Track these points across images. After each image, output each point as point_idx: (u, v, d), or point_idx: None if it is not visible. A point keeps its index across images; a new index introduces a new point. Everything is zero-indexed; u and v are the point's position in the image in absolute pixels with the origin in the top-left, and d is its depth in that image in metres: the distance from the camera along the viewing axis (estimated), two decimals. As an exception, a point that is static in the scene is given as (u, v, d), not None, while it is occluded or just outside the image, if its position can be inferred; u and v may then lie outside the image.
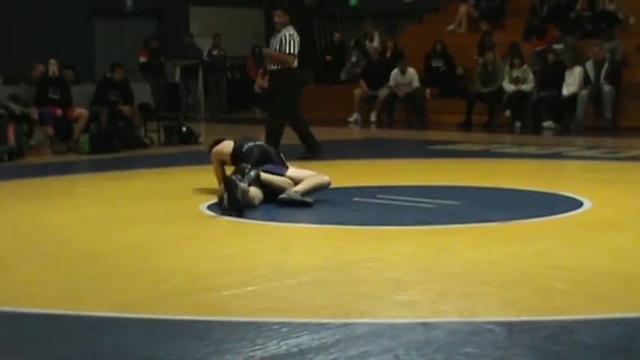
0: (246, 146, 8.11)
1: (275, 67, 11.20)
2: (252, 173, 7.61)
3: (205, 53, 21.41)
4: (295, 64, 11.21)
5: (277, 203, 7.58)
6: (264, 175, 7.70)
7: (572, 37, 17.13)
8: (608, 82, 15.44)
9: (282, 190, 7.72)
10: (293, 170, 7.99)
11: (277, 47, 11.14)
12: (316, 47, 23.55)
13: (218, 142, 8.39)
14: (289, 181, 7.80)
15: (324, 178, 7.91)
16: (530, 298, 4.72)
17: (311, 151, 11.35)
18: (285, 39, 11.12)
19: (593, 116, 15.73)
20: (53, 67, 13.67)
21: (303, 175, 7.90)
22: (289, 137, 11.71)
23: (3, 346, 4.12)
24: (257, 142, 8.25)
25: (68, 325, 4.38)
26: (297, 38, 11.16)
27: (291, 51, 11.14)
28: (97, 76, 17.86)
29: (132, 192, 9.17)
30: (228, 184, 7.34)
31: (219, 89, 21.68)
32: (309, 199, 7.61)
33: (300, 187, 7.70)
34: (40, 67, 14.13)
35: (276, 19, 11.35)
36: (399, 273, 5.30)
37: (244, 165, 7.76)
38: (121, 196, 8.87)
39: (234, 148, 8.14)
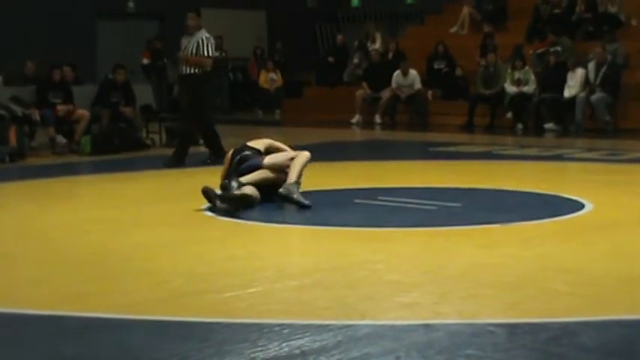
0: (238, 156, 8.10)
1: (191, 70, 11.12)
2: (234, 183, 7.64)
3: None
4: (210, 67, 11.27)
5: (276, 198, 7.61)
6: (244, 179, 7.72)
7: (568, 39, 17.12)
8: (602, 87, 15.41)
9: (270, 181, 7.75)
10: (270, 157, 7.98)
11: (194, 51, 11.08)
12: (318, 49, 23.57)
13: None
14: (268, 171, 7.81)
15: (304, 155, 7.89)
16: (532, 300, 4.73)
17: (215, 154, 11.19)
18: (203, 42, 11.10)
19: (595, 118, 15.72)
20: (57, 71, 13.66)
21: (280, 160, 7.89)
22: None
23: (6, 347, 4.13)
24: (241, 154, 8.19)
25: (71, 326, 4.39)
26: (212, 41, 11.21)
27: (209, 54, 11.19)
28: (98, 78, 17.86)
29: (133, 193, 9.18)
30: (222, 198, 7.43)
31: (221, 90, 21.69)
32: (307, 202, 7.60)
33: (293, 177, 7.69)
34: (31, 65, 14.09)
35: (190, 22, 11.22)
36: (400, 275, 5.31)
37: (225, 182, 7.78)
38: (122, 197, 8.88)
39: (231, 156, 8.17)
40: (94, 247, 6.30)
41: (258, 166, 7.87)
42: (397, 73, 17.81)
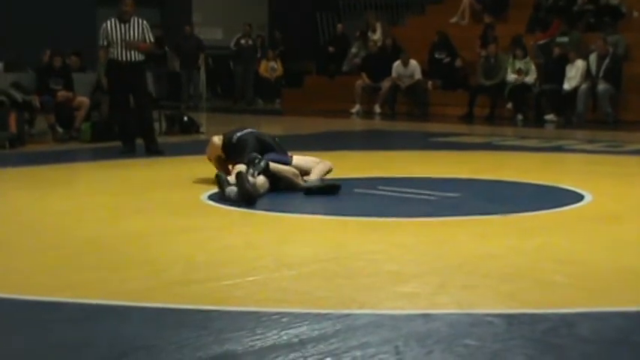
0: (236, 136, 8.11)
1: (138, 57, 11.02)
2: (262, 163, 7.62)
3: (233, 42, 21.35)
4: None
5: (304, 193, 7.63)
6: (272, 165, 7.72)
7: (578, 32, 17.10)
8: (605, 78, 15.40)
9: (288, 179, 7.76)
10: (297, 158, 8.03)
11: (139, 37, 11.01)
12: (319, 38, 23.53)
13: None
14: (295, 170, 7.84)
15: (327, 164, 7.99)
16: (530, 291, 4.72)
17: (131, 147, 11.23)
18: (147, 28, 11.10)
19: (595, 110, 15.72)
20: (57, 58, 13.66)
21: (307, 163, 7.95)
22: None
23: (2, 333, 4.12)
24: (248, 131, 8.21)
25: (67, 313, 4.39)
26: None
27: (153, 40, 11.38)
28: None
29: (133, 181, 9.17)
30: (237, 177, 7.32)
31: (246, 80, 21.40)
32: (336, 183, 7.68)
33: (314, 177, 7.76)
34: (58, 59, 14.06)
35: (127, 8, 11.12)
36: (399, 265, 5.31)
37: (254, 155, 7.74)
38: (122, 185, 8.87)
39: (223, 141, 8.16)
40: (91, 234, 6.30)
41: (286, 163, 7.88)
42: (397, 63, 17.80)
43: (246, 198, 7.20)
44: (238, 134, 8.14)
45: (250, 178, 7.39)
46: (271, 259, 5.43)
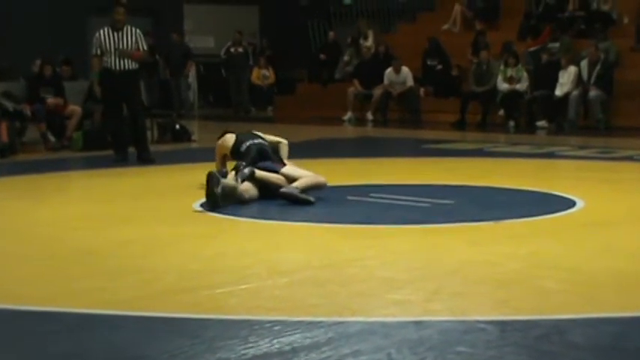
0: (244, 145, 8.16)
1: (132, 66, 11.06)
2: (247, 170, 7.68)
3: (223, 51, 21.30)
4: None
5: (278, 197, 7.61)
6: (258, 173, 7.75)
7: (569, 39, 17.14)
8: (596, 85, 15.43)
9: (276, 186, 7.76)
10: (288, 168, 8.01)
11: (132, 46, 11.03)
12: (310, 46, 23.55)
13: (225, 134, 8.50)
14: (282, 178, 7.83)
15: (320, 179, 7.93)
16: (523, 298, 4.73)
17: (123, 155, 11.30)
18: (140, 37, 11.13)
19: (586, 116, 15.75)
20: (48, 67, 13.66)
21: (298, 174, 7.92)
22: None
23: (-5, 344, 4.12)
24: (255, 141, 8.25)
25: (61, 323, 4.37)
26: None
27: (146, 48, 11.47)
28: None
29: (125, 189, 9.16)
30: (208, 178, 7.39)
31: (240, 88, 21.28)
32: (310, 198, 7.63)
33: (297, 184, 7.73)
34: (48, 67, 14.08)
35: (120, 17, 11.15)
36: (392, 272, 5.30)
37: (239, 162, 7.85)
38: (114, 193, 8.86)
39: (234, 144, 8.23)
40: (84, 243, 6.28)
41: (275, 171, 7.89)
42: (389, 70, 17.82)
43: (211, 201, 7.32)
44: (248, 143, 8.18)
45: (223, 180, 7.46)
46: (264, 266, 5.43)
